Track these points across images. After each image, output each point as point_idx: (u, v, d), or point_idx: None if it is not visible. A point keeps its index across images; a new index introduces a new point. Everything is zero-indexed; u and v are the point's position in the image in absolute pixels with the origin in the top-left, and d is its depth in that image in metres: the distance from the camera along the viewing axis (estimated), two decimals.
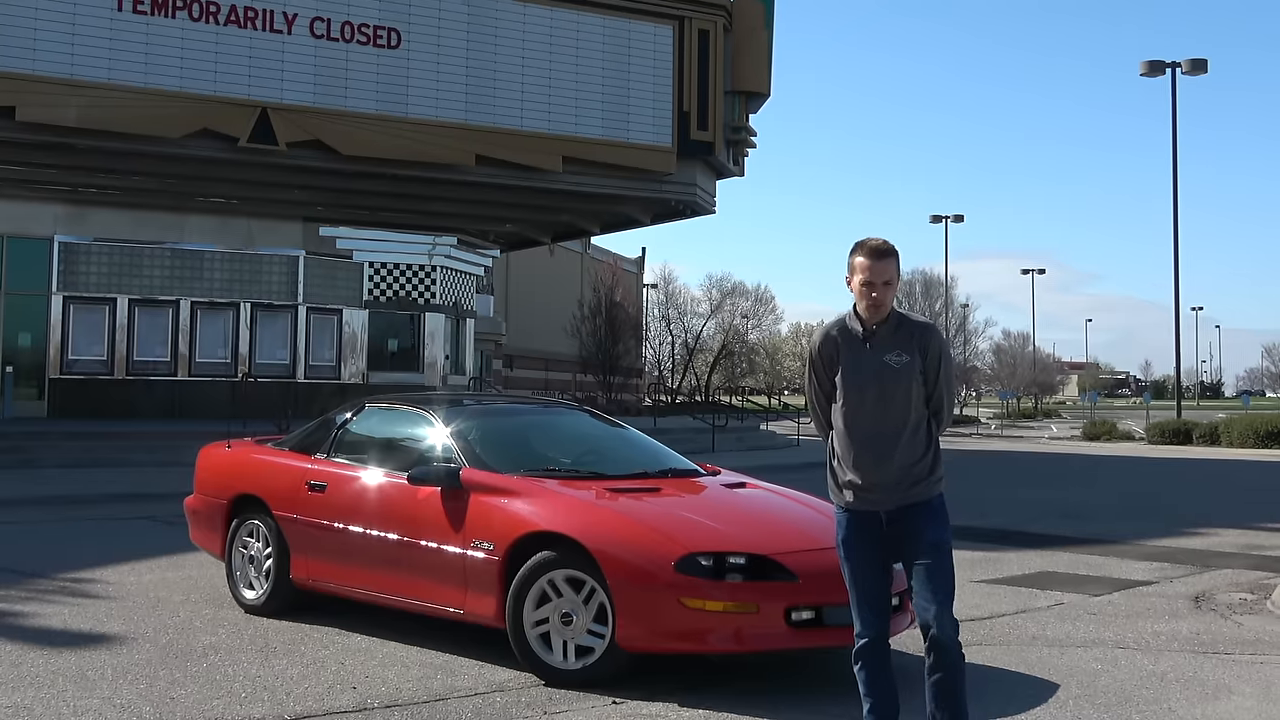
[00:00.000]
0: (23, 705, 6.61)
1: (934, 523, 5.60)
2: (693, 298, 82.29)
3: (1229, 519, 17.03)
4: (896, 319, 5.65)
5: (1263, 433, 38.06)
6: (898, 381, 5.56)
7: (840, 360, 5.67)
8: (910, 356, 5.58)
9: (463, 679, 7.33)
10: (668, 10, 28.44)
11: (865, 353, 5.61)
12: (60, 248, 28.12)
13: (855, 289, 5.60)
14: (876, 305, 5.56)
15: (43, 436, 22.82)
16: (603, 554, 7.14)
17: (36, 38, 23.03)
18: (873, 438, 5.57)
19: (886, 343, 5.59)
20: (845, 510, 5.71)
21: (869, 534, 5.65)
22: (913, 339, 5.62)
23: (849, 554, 5.73)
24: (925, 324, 5.76)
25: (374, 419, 9.62)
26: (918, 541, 5.56)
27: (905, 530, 5.58)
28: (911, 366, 5.58)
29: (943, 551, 5.57)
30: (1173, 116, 43.63)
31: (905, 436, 5.58)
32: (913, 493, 5.59)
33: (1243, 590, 11.11)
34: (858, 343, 5.64)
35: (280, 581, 9.10)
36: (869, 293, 5.55)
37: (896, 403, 5.56)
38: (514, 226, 34.90)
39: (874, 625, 5.67)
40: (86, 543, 13.06)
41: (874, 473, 5.56)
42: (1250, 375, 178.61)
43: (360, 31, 25.74)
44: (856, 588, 5.71)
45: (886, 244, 5.61)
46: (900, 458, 5.56)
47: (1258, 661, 8.20)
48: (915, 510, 5.59)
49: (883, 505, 5.60)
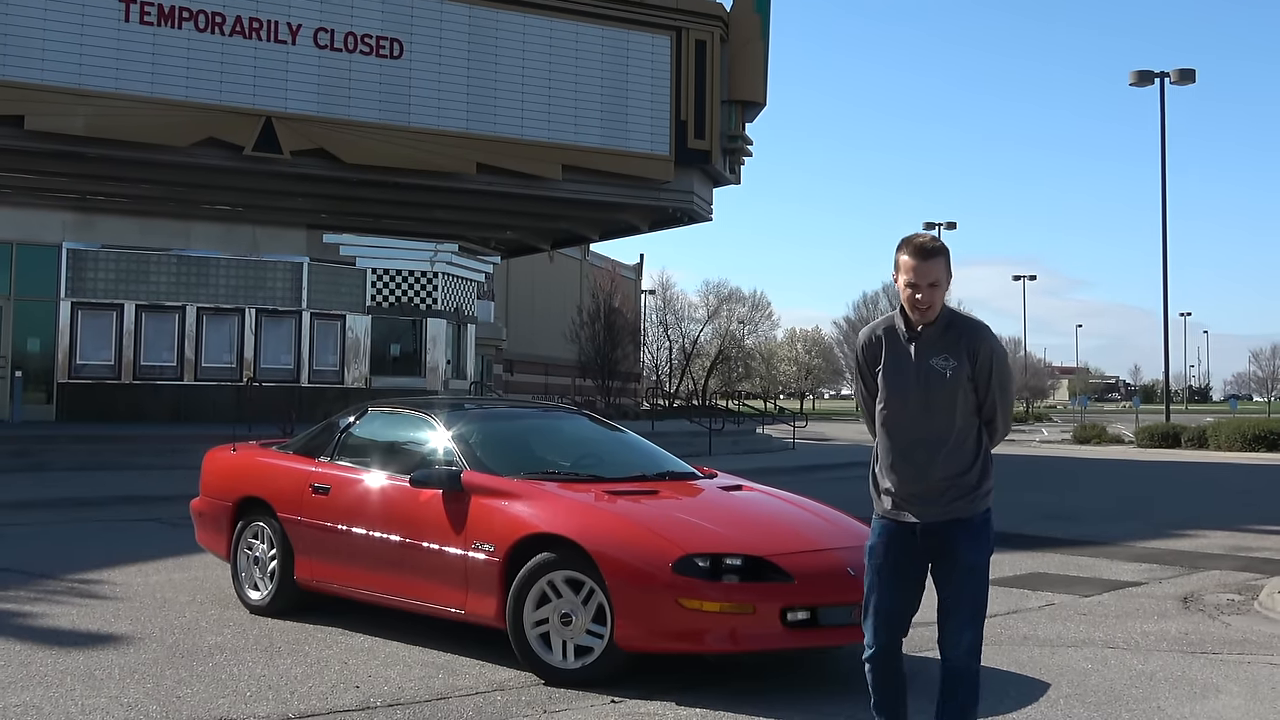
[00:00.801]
0: (31, 704, 6.61)
1: (974, 543, 5.17)
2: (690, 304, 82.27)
3: (1217, 521, 17.04)
4: (946, 318, 5.19)
5: (1250, 436, 38.04)
6: (944, 387, 5.12)
7: (883, 361, 5.25)
8: (958, 361, 5.13)
9: (464, 678, 7.33)
10: (665, 21, 28.47)
11: (909, 355, 5.17)
12: (68, 254, 28.09)
13: (900, 288, 5.16)
14: (921, 308, 5.11)
15: (51, 440, 22.79)
16: (601, 555, 7.14)
17: (45, 48, 23.05)
18: (914, 446, 5.16)
19: (933, 345, 5.15)
20: (881, 518, 5.30)
21: (901, 546, 5.22)
22: (961, 341, 5.15)
23: (874, 561, 5.29)
24: (976, 325, 5.28)
25: (377, 423, 9.63)
26: (953, 562, 5.16)
27: (941, 547, 5.17)
28: (959, 372, 5.13)
29: (978, 575, 5.19)
30: (1161, 126, 43.61)
31: (949, 447, 5.15)
32: (954, 508, 5.15)
33: (1230, 591, 11.12)
34: (901, 344, 5.20)
35: (284, 582, 9.10)
36: (913, 295, 5.09)
37: (942, 410, 5.13)
38: (514, 234, 34.90)
39: (885, 637, 5.27)
40: (94, 544, 13.05)
41: (914, 483, 5.16)
42: (1238, 380, 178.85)
43: (363, 42, 25.77)
44: (874, 598, 5.28)
45: (935, 241, 5.15)
46: (943, 469, 5.13)
47: (1245, 661, 8.20)
48: (955, 527, 5.15)
49: (921, 517, 5.17)
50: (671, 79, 28.50)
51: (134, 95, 23.68)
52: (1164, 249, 43.54)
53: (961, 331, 5.18)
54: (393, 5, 26.08)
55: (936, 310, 5.15)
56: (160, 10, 24.02)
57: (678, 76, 28.51)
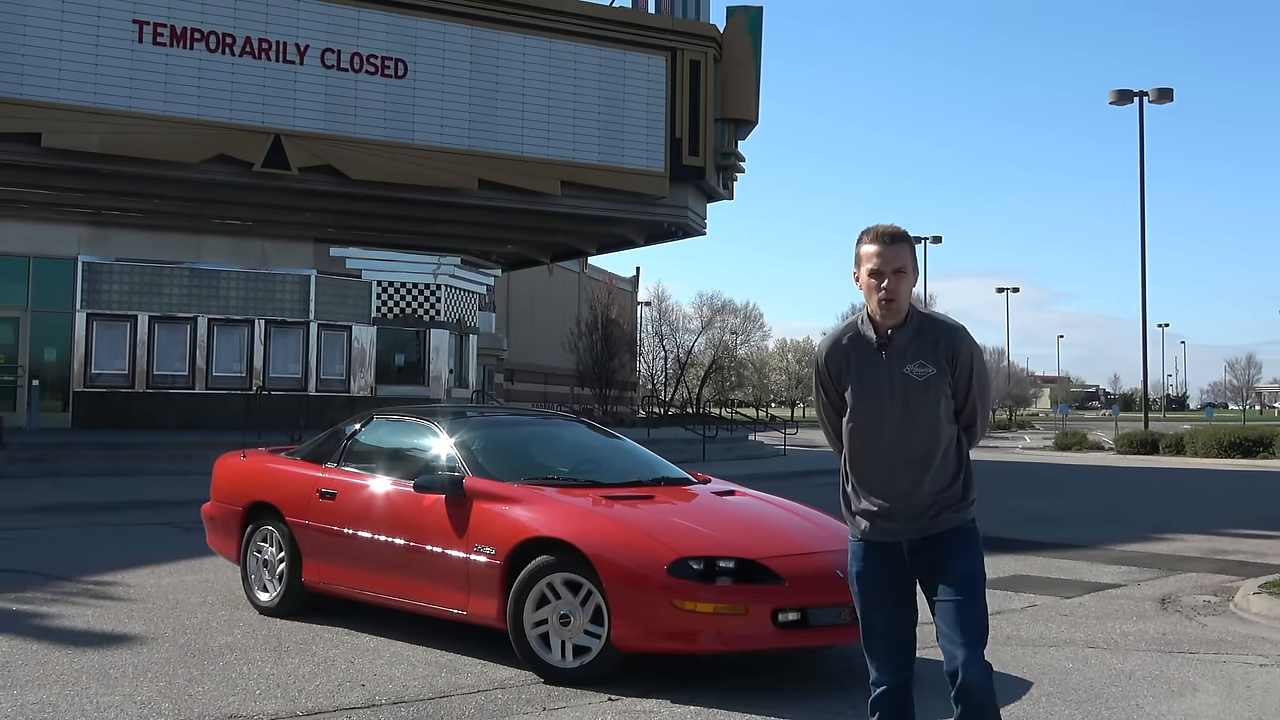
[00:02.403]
0: (48, 701, 6.61)
1: (965, 552, 4.62)
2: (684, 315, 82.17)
3: (1193, 525, 17.04)
4: (917, 321, 4.58)
5: (1225, 443, 38.07)
6: (924, 396, 4.52)
7: (851, 373, 4.61)
8: (936, 368, 4.53)
9: (466, 677, 7.33)
10: (661, 42, 28.54)
11: (881, 364, 4.56)
12: (84, 267, 28.10)
13: (863, 283, 4.56)
14: (888, 300, 4.49)
15: (67, 447, 22.77)
16: (599, 558, 7.14)
17: (61, 68, 23.08)
18: (896, 464, 4.57)
19: (906, 351, 4.54)
20: (861, 541, 4.70)
21: (888, 567, 4.65)
22: (938, 345, 4.56)
23: (863, 589, 4.70)
24: (952, 325, 4.65)
25: (381, 430, 9.63)
26: (946, 573, 4.58)
27: (931, 561, 4.61)
28: (939, 379, 4.53)
29: (974, 584, 4.60)
30: (1140, 144, 43.85)
31: (935, 462, 4.57)
32: (941, 520, 4.60)
33: (1207, 593, 11.12)
34: (872, 352, 4.58)
35: (292, 584, 9.10)
36: (878, 284, 4.48)
37: (923, 423, 4.54)
38: (514, 247, 34.94)
39: (892, 671, 4.65)
40: (109, 547, 13.04)
41: (897, 501, 4.58)
42: (1214, 388, 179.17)
43: (369, 62, 25.81)
44: (871, 628, 4.68)
45: (897, 228, 4.56)
46: (930, 484, 4.57)
47: (1221, 661, 8.20)
48: (943, 538, 4.61)
49: (905, 535, 4.61)
50: (667, 98, 28.56)
51: (147, 114, 23.72)
52: (1143, 264, 43.62)
53: (938, 334, 4.59)
54: (397, 26, 26.13)
55: (903, 305, 4.54)
56: (173, 32, 24.08)
57: (673, 95, 28.57)
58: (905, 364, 4.54)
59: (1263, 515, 18.97)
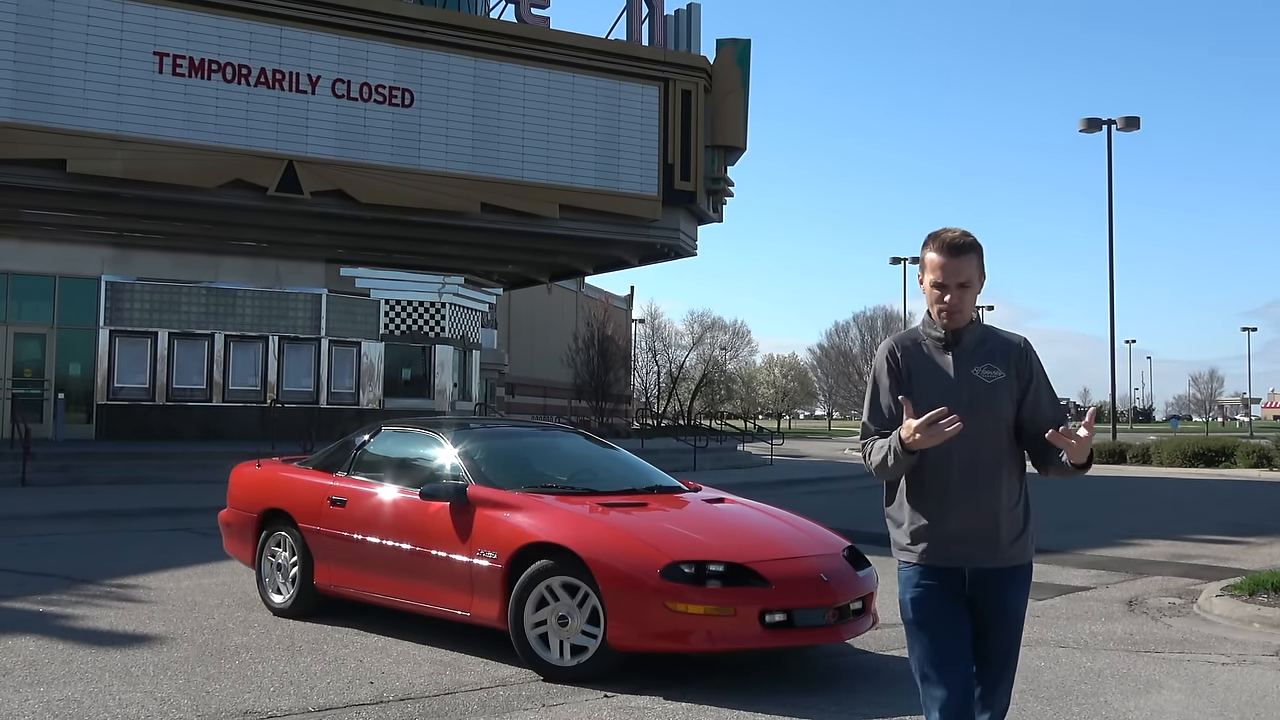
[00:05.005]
0: (73, 698, 6.61)
1: (1023, 593, 4.17)
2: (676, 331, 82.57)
3: (1159, 531, 17.06)
4: (982, 329, 4.17)
5: (1190, 453, 38.08)
6: (993, 398, 4.06)
7: (915, 372, 4.11)
8: (1004, 372, 4.10)
9: (469, 674, 7.34)
10: (654, 73, 28.60)
11: (948, 363, 4.10)
12: (107, 286, 28.08)
13: (926, 290, 4.12)
14: (950, 313, 4.06)
15: (91, 456, 22.72)
16: (595, 562, 7.16)
17: (86, 97, 23.10)
18: (968, 469, 4.04)
19: (975, 353, 4.11)
20: (916, 566, 4.08)
21: (948, 597, 4.05)
22: (1009, 355, 4.14)
23: (923, 620, 4.04)
24: (1018, 338, 4.23)
25: (389, 441, 9.64)
26: (1000, 615, 4.08)
27: (990, 597, 4.07)
28: (1007, 384, 4.09)
29: (1020, 629, 4.17)
30: (1108, 169, 43.83)
31: (1004, 471, 4.09)
32: (1010, 552, 4.09)
33: (1172, 595, 11.15)
34: (938, 350, 4.13)
35: (305, 587, 9.10)
36: (940, 296, 4.05)
37: (993, 427, 4.06)
38: (515, 267, 34.93)
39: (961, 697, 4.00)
40: (130, 552, 13.02)
41: (964, 520, 4.03)
42: (1178, 401, 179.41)
43: (377, 91, 25.84)
44: (938, 668, 4.01)
45: (965, 236, 4.07)
46: (1003, 500, 4.07)
47: (1185, 660, 8.23)
48: (1006, 576, 4.09)
49: (970, 561, 4.05)
50: (660, 126, 28.60)
51: (167, 141, 23.72)
52: (1111, 285, 43.67)
53: (1006, 345, 4.18)
54: (404, 58, 26.17)
55: (967, 316, 4.10)
56: (191, 63, 24.09)
57: (665, 123, 28.61)
58: (974, 365, 4.10)
59: (1225, 522, 18.99)
